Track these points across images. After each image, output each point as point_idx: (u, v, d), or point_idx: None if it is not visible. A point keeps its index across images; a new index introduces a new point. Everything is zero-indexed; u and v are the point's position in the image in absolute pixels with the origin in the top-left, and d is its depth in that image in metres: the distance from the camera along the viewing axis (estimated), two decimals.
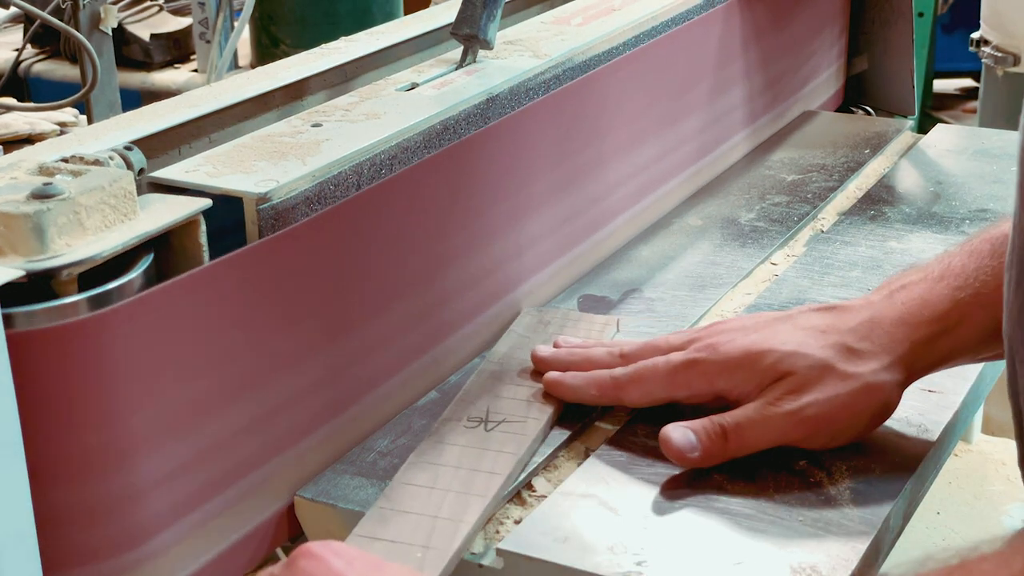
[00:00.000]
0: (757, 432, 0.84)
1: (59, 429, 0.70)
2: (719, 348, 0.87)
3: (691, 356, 0.88)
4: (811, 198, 1.28)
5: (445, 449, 0.85)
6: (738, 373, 0.86)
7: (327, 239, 0.84)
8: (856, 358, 0.85)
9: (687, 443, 0.84)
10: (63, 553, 0.71)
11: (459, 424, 0.88)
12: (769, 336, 0.87)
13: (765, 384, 0.85)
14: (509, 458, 0.85)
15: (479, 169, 0.98)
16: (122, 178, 0.74)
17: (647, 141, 1.20)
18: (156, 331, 0.73)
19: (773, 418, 0.84)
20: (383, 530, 0.78)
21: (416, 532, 0.77)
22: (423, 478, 0.82)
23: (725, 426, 0.84)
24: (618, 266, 1.15)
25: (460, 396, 0.92)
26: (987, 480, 1.40)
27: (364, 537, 0.77)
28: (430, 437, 0.87)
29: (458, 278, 0.97)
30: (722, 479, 0.84)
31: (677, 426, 0.85)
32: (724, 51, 1.32)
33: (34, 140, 1.69)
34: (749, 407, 0.85)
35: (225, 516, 0.79)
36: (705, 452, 0.84)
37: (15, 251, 0.70)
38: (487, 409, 0.90)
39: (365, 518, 0.79)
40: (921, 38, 3.21)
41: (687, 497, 0.82)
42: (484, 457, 0.85)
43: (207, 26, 2.14)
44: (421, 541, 0.77)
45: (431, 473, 0.83)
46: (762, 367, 0.85)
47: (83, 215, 0.72)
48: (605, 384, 0.90)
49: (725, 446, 0.84)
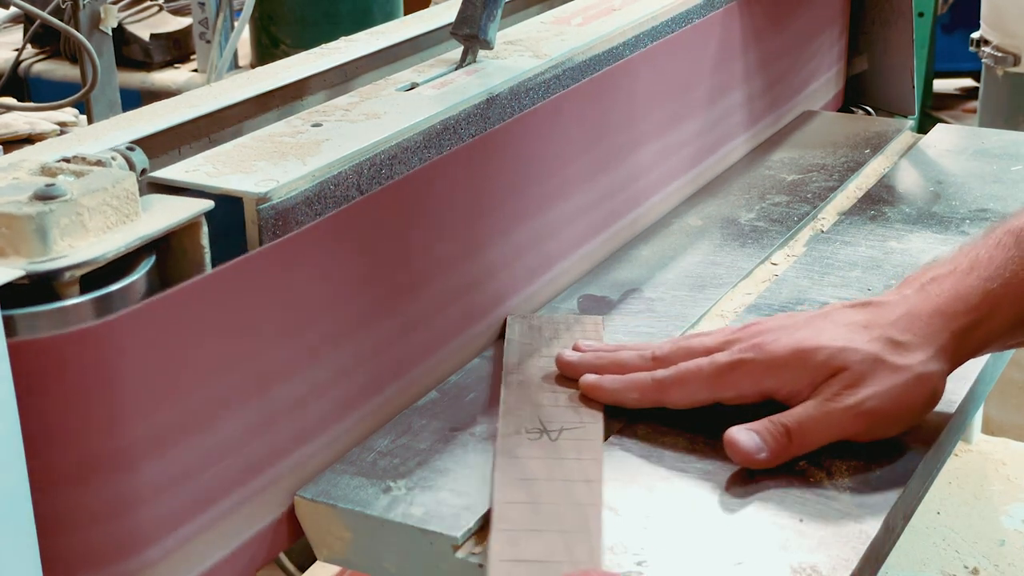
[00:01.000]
0: (819, 429, 0.85)
1: (61, 434, 0.69)
2: (765, 347, 0.88)
3: (737, 357, 0.88)
4: (811, 198, 1.28)
5: (524, 464, 0.84)
6: (787, 372, 0.86)
7: (333, 241, 0.84)
8: (903, 350, 0.86)
9: (754, 445, 0.84)
10: (64, 559, 0.71)
11: (521, 437, 0.87)
12: (815, 333, 0.88)
13: (818, 381, 0.86)
14: (594, 464, 0.84)
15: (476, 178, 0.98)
16: (125, 179, 0.74)
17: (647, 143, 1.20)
18: (160, 337, 0.72)
19: (834, 414, 0.85)
20: (522, 551, 0.76)
21: (555, 549, 0.76)
22: (522, 495, 0.81)
23: (788, 425, 0.84)
24: (618, 266, 1.15)
25: (503, 410, 0.90)
26: (987, 480, 1.40)
27: (510, 561, 0.76)
28: (501, 454, 0.85)
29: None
30: (722, 479, 0.84)
31: (741, 429, 0.85)
32: (724, 52, 1.32)
33: (34, 140, 1.69)
34: (808, 405, 0.85)
35: (227, 521, 0.79)
36: (771, 453, 0.84)
37: (17, 252, 0.70)
38: (538, 419, 0.89)
39: (494, 541, 0.77)
40: (921, 38, 3.21)
41: (687, 497, 0.82)
42: (567, 466, 0.84)
43: (207, 26, 2.14)
44: (565, 557, 0.75)
45: (526, 489, 0.81)
46: (814, 364, 0.86)
47: (85, 216, 0.72)
48: (647, 387, 0.90)
49: (789, 445, 0.84)
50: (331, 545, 0.83)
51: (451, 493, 0.83)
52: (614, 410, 0.91)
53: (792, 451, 0.85)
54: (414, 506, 0.82)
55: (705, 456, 0.87)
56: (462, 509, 0.82)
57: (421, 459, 0.87)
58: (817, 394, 0.86)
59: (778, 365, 0.87)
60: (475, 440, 0.89)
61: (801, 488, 0.83)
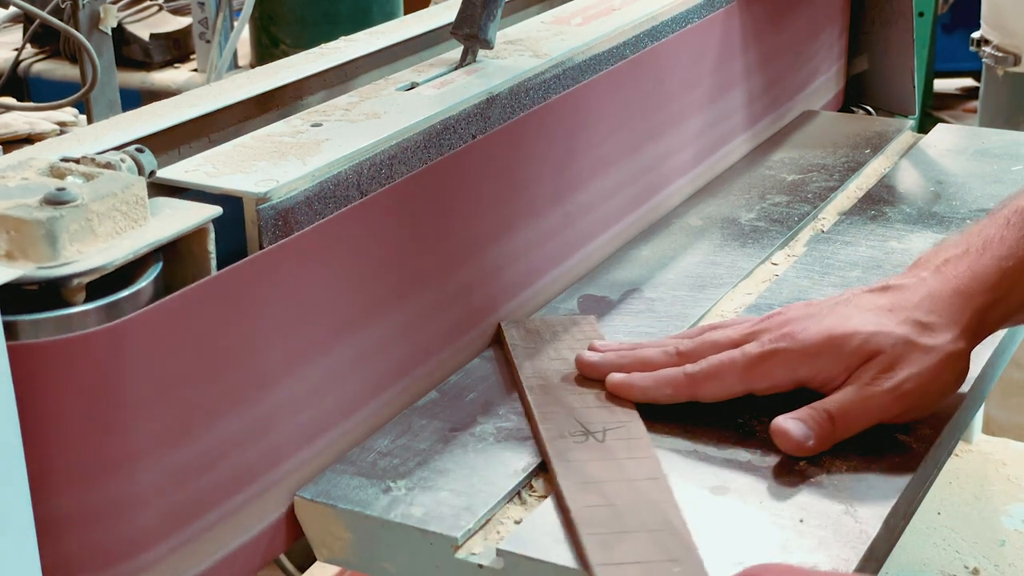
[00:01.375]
0: (860, 413, 0.86)
1: (61, 437, 0.69)
2: (797, 336, 0.89)
3: (770, 347, 0.89)
4: (811, 198, 1.28)
5: (582, 467, 0.84)
6: (822, 359, 0.88)
7: (335, 243, 0.84)
8: (930, 331, 0.88)
9: (803, 433, 0.85)
10: (64, 561, 0.71)
11: (567, 441, 0.86)
12: (844, 319, 0.89)
13: (854, 366, 0.87)
14: (652, 461, 0.84)
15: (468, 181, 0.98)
16: (134, 184, 0.74)
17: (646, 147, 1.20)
18: (161, 341, 0.72)
19: (874, 397, 0.86)
20: (620, 554, 0.76)
21: (649, 549, 0.76)
22: (593, 498, 0.80)
23: (831, 411, 0.86)
24: (618, 266, 1.15)
25: (538, 414, 0.89)
26: (987, 480, 1.40)
27: (612, 565, 0.75)
28: (555, 459, 0.85)
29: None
30: (723, 479, 0.84)
31: (787, 418, 0.86)
32: (724, 52, 1.32)
33: (34, 140, 1.69)
34: (848, 390, 0.86)
35: (226, 524, 0.79)
36: (817, 439, 0.85)
37: (26, 256, 0.69)
38: (576, 421, 0.89)
39: (588, 547, 0.76)
40: (921, 38, 3.21)
41: (687, 497, 0.82)
42: (626, 466, 0.83)
43: (207, 26, 2.14)
44: (665, 556, 0.75)
45: (596, 492, 0.81)
46: (849, 350, 0.87)
47: (95, 222, 0.71)
48: (680, 382, 0.90)
49: (833, 431, 0.86)
50: (331, 545, 0.83)
51: (451, 493, 0.83)
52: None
53: (836, 437, 0.86)
54: (414, 506, 0.82)
55: (705, 456, 0.87)
56: (462, 509, 0.82)
57: (421, 459, 0.87)
58: (855, 379, 0.87)
59: (812, 353, 0.88)
60: (475, 440, 0.89)
61: (801, 488, 0.83)
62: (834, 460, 0.85)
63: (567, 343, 0.99)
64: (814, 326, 0.89)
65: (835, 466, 0.85)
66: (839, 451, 0.86)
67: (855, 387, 0.86)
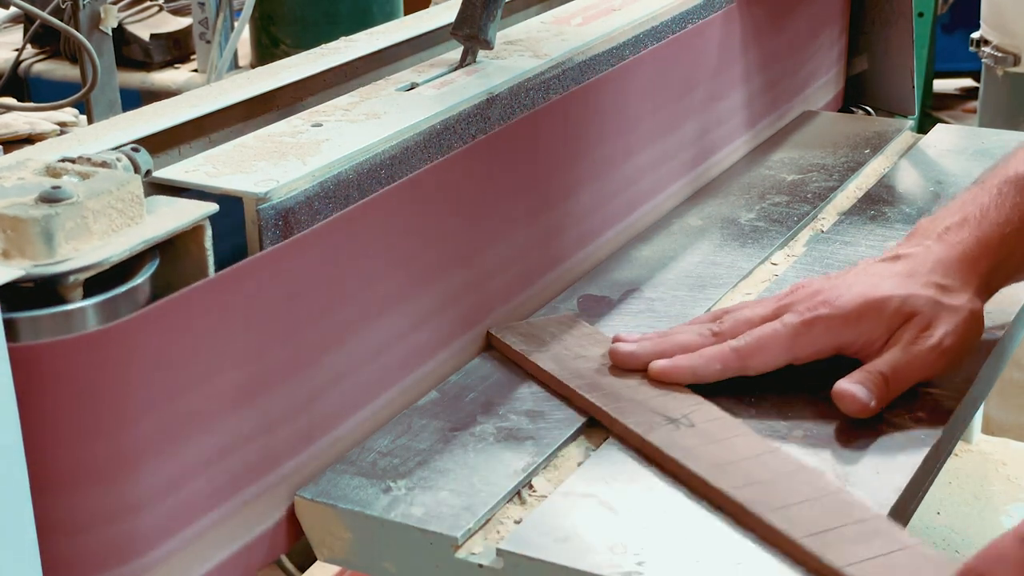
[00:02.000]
0: (909, 371, 0.91)
1: (62, 438, 0.69)
2: (834, 303, 0.93)
3: (810, 315, 0.93)
4: (811, 198, 1.28)
5: (701, 452, 0.84)
6: (864, 322, 0.92)
7: (338, 241, 0.84)
8: (951, 293, 0.94)
9: (865, 395, 0.89)
10: (65, 562, 0.71)
11: (662, 430, 0.87)
12: (873, 286, 0.94)
13: (894, 328, 0.92)
14: (754, 436, 0.87)
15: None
16: (130, 182, 0.74)
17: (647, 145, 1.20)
18: (163, 341, 0.72)
19: (920, 355, 0.91)
20: (807, 525, 0.77)
21: (833, 514, 0.78)
22: (740, 478, 0.81)
23: (884, 372, 0.90)
24: (618, 266, 1.15)
25: (614, 413, 0.89)
26: (987, 480, 1.40)
27: (818, 534, 0.76)
28: (670, 448, 0.85)
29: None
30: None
31: (849, 383, 0.90)
32: (724, 52, 1.32)
33: (34, 140, 1.69)
34: (895, 351, 0.91)
35: (228, 523, 0.79)
36: (877, 400, 0.89)
37: (22, 254, 0.70)
38: (655, 412, 0.89)
39: (777, 521, 0.77)
40: (921, 38, 3.21)
41: (687, 497, 0.82)
42: (735, 445, 0.85)
43: (207, 26, 2.14)
44: (848, 520, 0.77)
45: (734, 473, 0.82)
46: (889, 313, 0.92)
47: (91, 219, 0.71)
48: (728, 357, 0.93)
49: (887, 391, 0.90)
50: (331, 545, 0.83)
51: (451, 493, 0.83)
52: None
53: (890, 396, 0.90)
54: (414, 506, 0.82)
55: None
56: (462, 509, 0.82)
57: (421, 459, 0.87)
58: (896, 340, 0.92)
59: (853, 318, 0.92)
60: (475, 440, 0.89)
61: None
62: (834, 460, 0.85)
63: (574, 340, 0.99)
64: (847, 293, 0.93)
65: (835, 466, 0.85)
66: (839, 451, 0.86)
67: (900, 347, 0.91)
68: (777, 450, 0.85)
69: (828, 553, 0.75)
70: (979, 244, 0.97)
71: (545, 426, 0.90)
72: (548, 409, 0.92)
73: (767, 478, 0.82)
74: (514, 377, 0.97)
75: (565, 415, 0.92)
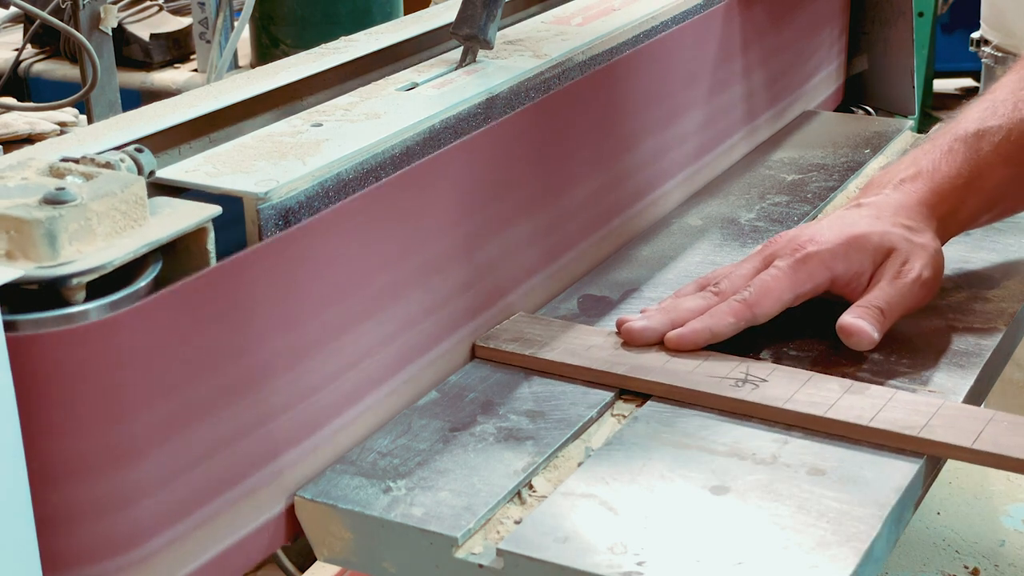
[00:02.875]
0: (900, 302, 0.98)
1: (61, 431, 0.69)
2: (819, 240, 0.99)
3: (801, 254, 0.99)
4: (811, 198, 1.28)
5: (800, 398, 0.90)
6: (853, 255, 0.99)
7: (338, 233, 0.84)
8: (916, 232, 1.01)
9: (871, 327, 0.95)
10: (63, 554, 0.71)
11: (739, 389, 0.91)
12: (850, 225, 1.01)
13: (879, 261, 0.99)
14: (824, 379, 0.92)
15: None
16: (133, 184, 0.74)
17: (647, 140, 1.20)
18: (160, 335, 0.72)
19: (906, 286, 0.98)
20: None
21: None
22: (862, 412, 0.88)
23: (879, 306, 0.97)
24: (618, 266, 1.15)
25: (690, 384, 0.92)
26: (987, 480, 1.40)
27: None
28: (771, 402, 0.89)
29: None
30: (723, 479, 0.84)
31: (853, 317, 0.96)
32: (724, 51, 1.32)
33: (34, 140, 1.69)
34: (882, 285, 0.98)
35: (225, 516, 0.79)
36: (878, 331, 0.96)
37: (26, 256, 0.70)
38: (716, 377, 0.92)
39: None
40: (921, 38, 3.21)
41: (687, 497, 0.83)
42: (825, 385, 0.91)
43: (207, 26, 2.14)
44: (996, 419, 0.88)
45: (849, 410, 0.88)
46: (872, 246, 0.99)
47: (94, 221, 0.71)
48: (737, 309, 0.97)
49: (884, 322, 0.97)
50: (331, 545, 0.83)
51: (451, 493, 0.83)
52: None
53: (886, 326, 0.97)
54: (414, 506, 0.82)
55: (706, 455, 0.87)
56: (462, 509, 0.82)
57: (421, 459, 0.87)
58: (881, 275, 0.99)
59: (842, 251, 0.99)
60: (475, 440, 0.89)
61: (801, 487, 0.83)
62: (834, 459, 0.85)
63: (567, 336, 0.99)
64: (828, 232, 1.00)
65: (835, 466, 0.85)
66: (838, 450, 0.86)
67: (887, 281, 0.98)
68: (856, 384, 0.91)
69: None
70: (933, 194, 1.04)
71: (545, 426, 0.90)
72: (548, 409, 0.92)
73: (881, 404, 0.88)
74: (514, 377, 0.97)
75: (565, 415, 0.92)
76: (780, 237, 1.02)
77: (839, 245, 0.99)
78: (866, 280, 0.99)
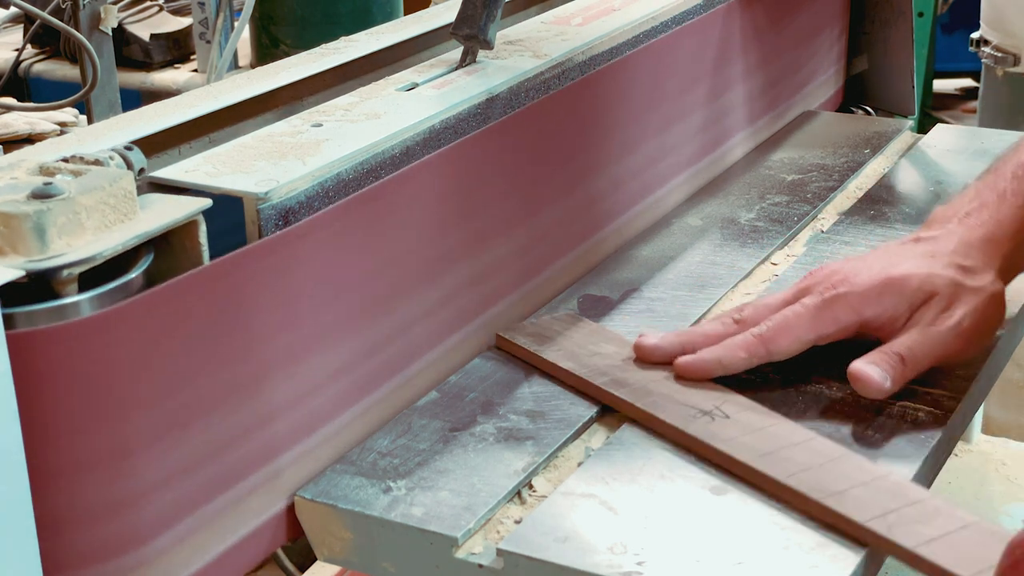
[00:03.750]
0: (926, 351, 0.91)
1: (60, 430, 0.69)
2: (854, 280, 0.93)
3: (830, 294, 0.93)
4: (811, 198, 1.28)
5: (744, 442, 0.85)
6: (886, 299, 0.92)
7: (333, 234, 0.84)
8: (972, 274, 0.94)
9: (880, 375, 0.89)
10: (64, 555, 0.71)
11: (699, 423, 0.87)
12: (893, 265, 0.94)
13: (916, 306, 0.92)
14: (790, 424, 0.87)
15: None
16: (122, 178, 0.75)
17: (646, 142, 1.20)
18: (157, 332, 0.73)
19: (938, 335, 0.91)
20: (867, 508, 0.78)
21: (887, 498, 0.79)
22: (789, 467, 0.82)
23: (900, 353, 0.90)
24: (618, 266, 1.15)
25: (649, 407, 0.89)
26: (987, 480, 1.40)
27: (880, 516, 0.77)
28: (711, 439, 0.85)
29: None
30: (723, 479, 0.84)
31: (865, 363, 0.89)
32: (724, 51, 1.32)
33: (34, 140, 1.69)
34: (912, 332, 0.91)
35: (226, 516, 0.79)
36: (893, 380, 0.89)
37: (15, 251, 0.70)
38: (687, 405, 0.89)
39: (838, 506, 0.78)
40: (921, 38, 3.21)
41: (687, 497, 0.82)
42: (775, 433, 0.85)
43: (207, 26, 2.14)
44: (905, 502, 0.78)
45: (782, 464, 0.82)
46: (910, 290, 0.92)
47: (83, 215, 0.72)
48: (751, 343, 0.92)
49: (904, 371, 0.90)
50: (331, 545, 0.83)
51: (451, 493, 0.83)
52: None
53: (906, 377, 0.90)
54: (414, 506, 0.82)
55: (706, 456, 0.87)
56: (462, 509, 0.82)
57: (421, 459, 0.87)
58: (916, 320, 0.92)
59: (874, 295, 0.92)
60: (475, 440, 0.89)
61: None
62: None
63: (583, 337, 0.99)
64: (866, 271, 0.94)
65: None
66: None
67: (919, 328, 0.91)
68: (815, 437, 0.85)
69: (896, 534, 0.75)
70: (1000, 226, 0.97)
71: (545, 426, 0.90)
72: (548, 409, 0.92)
73: (816, 464, 0.82)
74: (514, 377, 0.97)
75: (565, 415, 0.92)
76: (822, 269, 0.97)
77: (872, 287, 0.93)
78: (901, 324, 0.92)
